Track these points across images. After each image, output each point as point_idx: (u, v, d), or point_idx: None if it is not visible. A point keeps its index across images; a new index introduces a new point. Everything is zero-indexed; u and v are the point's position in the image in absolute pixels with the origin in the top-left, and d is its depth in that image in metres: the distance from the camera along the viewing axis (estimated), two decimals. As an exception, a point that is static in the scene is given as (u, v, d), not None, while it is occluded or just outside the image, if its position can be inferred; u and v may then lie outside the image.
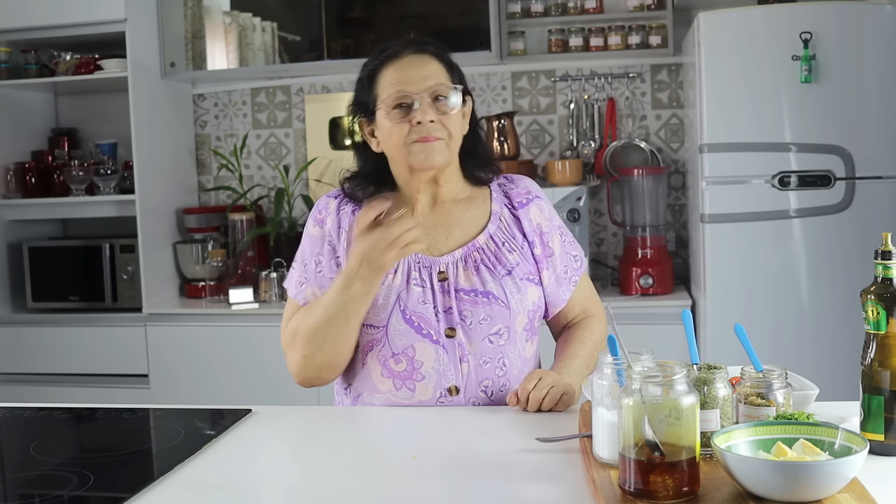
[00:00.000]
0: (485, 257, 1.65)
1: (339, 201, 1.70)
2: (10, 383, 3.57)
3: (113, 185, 3.58)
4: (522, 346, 1.66)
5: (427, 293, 1.62)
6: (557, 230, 1.73)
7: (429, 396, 1.60)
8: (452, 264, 1.64)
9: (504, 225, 1.69)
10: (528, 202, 1.72)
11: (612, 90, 3.60)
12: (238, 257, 3.64)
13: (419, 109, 1.58)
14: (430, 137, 1.58)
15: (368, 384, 1.65)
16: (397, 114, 1.60)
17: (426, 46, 1.66)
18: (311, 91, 3.82)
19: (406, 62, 1.62)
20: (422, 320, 1.60)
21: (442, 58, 1.66)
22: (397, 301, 1.61)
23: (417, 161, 1.59)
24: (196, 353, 3.38)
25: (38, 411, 1.65)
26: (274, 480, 1.28)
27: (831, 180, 2.85)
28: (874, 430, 1.21)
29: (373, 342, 1.63)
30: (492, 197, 1.72)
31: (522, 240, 1.69)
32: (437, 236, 1.67)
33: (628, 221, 3.39)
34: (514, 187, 1.74)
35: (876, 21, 2.82)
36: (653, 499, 1.04)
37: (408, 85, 1.59)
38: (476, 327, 1.61)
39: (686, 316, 1.35)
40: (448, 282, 1.62)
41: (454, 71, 1.67)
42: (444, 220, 1.69)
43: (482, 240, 1.67)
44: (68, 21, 3.40)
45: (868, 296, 1.21)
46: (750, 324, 1.42)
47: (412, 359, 1.60)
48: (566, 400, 1.52)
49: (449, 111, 1.61)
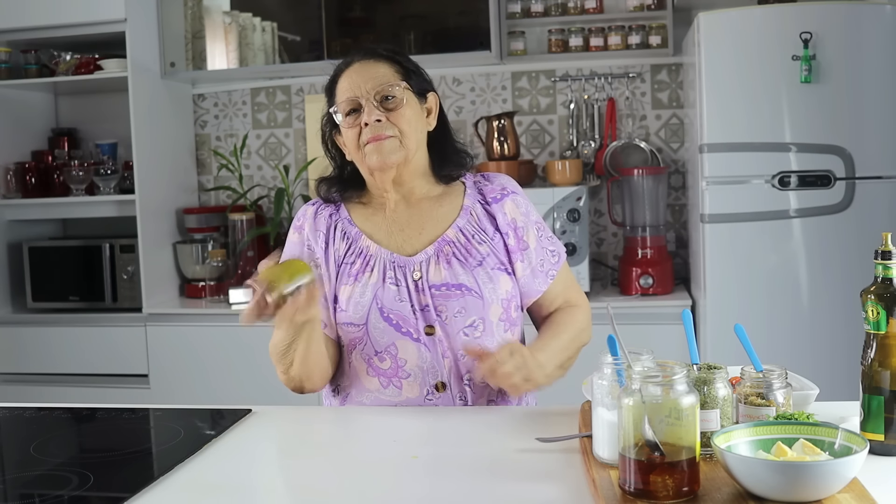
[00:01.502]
0: (455, 250, 1.66)
1: (317, 207, 1.76)
2: (10, 383, 3.57)
3: (113, 185, 3.58)
4: (501, 336, 1.65)
5: (403, 291, 1.63)
6: (534, 225, 1.73)
7: (416, 394, 1.61)
8: (425, 262, 1.65)
9: (474, 219, 1.70)
10: (503, 197, 1.72)
11: (612, 90, 3.60)
12: (238, 257, 3.64)
13: (365, 111, 1.63)
14: (380, 136, 1.62)
15: (357, 383, 1.66)
16: (349, 119, 1.65)
17: (376, 50, 1.70)
18: (311, 91, 3.82)
19: (354, 69, 1.67)
20: (400, 318, 1.62)
21: (394, 59, 1.69)
22: (374, 299, 1.62)
23: (372, 161, 1.64)
24: (196, 353, 3.38)
25: (38, 411, 1.65)
26: (274, 480, 1.28)
27: (831, 180, 2.85)
28: (874, 430, 1.21)
29: (355, 340, 1.64)
30: (465, 193, 1.73)
31: (494, 231, 1.69)
32: (411, 233, 1.69)
33: (628, 221, 3.39)
34: (489, 184, 1.75)
35: (876, 21, 2.82)
36: (653, 499, 1.04)
37: (354, 89, 1.65)
38: (451, 321, 1.61)
39: (686, 316, 1.36)
40: (422, 279, 1.63)
41: (409, 71, 1.69)
42: (417, 218, 1.70)
43: (451, 233, 1.68)
44: (68, 21, 3.40)
45: (868, 296, 1.21)
46: (750, 324, 1.42)
47: (395, 357, 1.62)
48: (522, 388, 1.52)
49: (395, 108, 1.63)
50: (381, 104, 1.63)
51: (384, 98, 1.63)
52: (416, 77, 1.70)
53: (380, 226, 1.70)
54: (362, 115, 1.63)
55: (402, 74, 1.67)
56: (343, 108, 1.66)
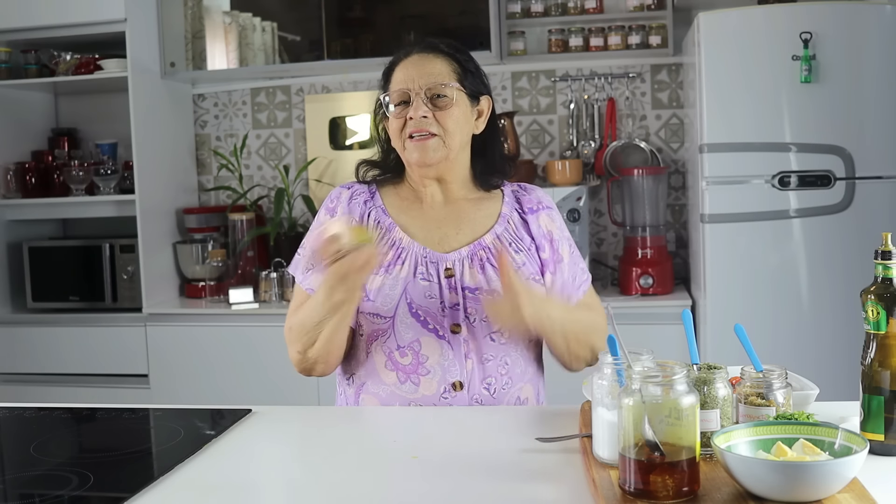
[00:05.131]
0: (491, 256, 1.66)
1: (352, 192, 1.74)
2: (10, 383, 3.57)
3: (113, 185, 3.58)
4: (525, 345, 1.66)
5: (434, 288, 1.62)
6: (567, 241, 1.74)
7: (433, 391, 1.61)
8: (459, 261, 1.65)
9: (512, 227, 1.71)
10: (539, 210, 1.73)
11: (612, 90, 3.60)
12: (238, 257, 3.64)
13: (413, 105, 1.63)
14: (423, 132, 1.62)
15: (373, 374, 1.65)
16: (398, 110, 1.65)
17: (438, 45, 1.69)
18: (311, 91, 3.82)
19: (412, 60, 1.67)
20: (428, 315, 1.61)
21: (453, 57, 1.68)
22: (404, 293, 1.62)
23: (412, 157, 1.65)
24: (196, 353, 3.38)
25: (38, 411, 1.65)
26: (274, 480, 1.28)
27: (831, 180, 2.85)
28: (874, 430, 1.21)
29: (378, 332, 1.63)
30: (503, 200, 1.74)
31: (530, 242, 1.70)
32: (447, 231, 1.69)
33: (628, 221, 3.39)
34: (527, 195, 1.76)
35: (876, 21, 2.82)
36: (653, 499, 1.04)
37: (408, 82, 1.65)
38: (479, 325, 1.61)
39: (686, 316, 1.35)
40: (454, 278, 1.63)
41: (466, 71, 1.69)
42: (455, 216, 1.70)
43: (489, 239, 1.68)
44: (68, 21, 3.40)
45: (868, 296, 1.21)
46: (750, 324, 1.41)
47: (418, 353, 1.61)
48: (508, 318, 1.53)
49: (445, 108, 1.63)
50: (431, 101, 1.63)
51: (435, 96, 1.63)
52: (473, 78, 1.70)
53: (415, 219, 1.70)
54: (410, 107, 1.63)
55: (458, 74, 1.67)
56: (393, 99, 1.66)
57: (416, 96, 1.63)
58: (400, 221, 1.70)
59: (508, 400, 1.64)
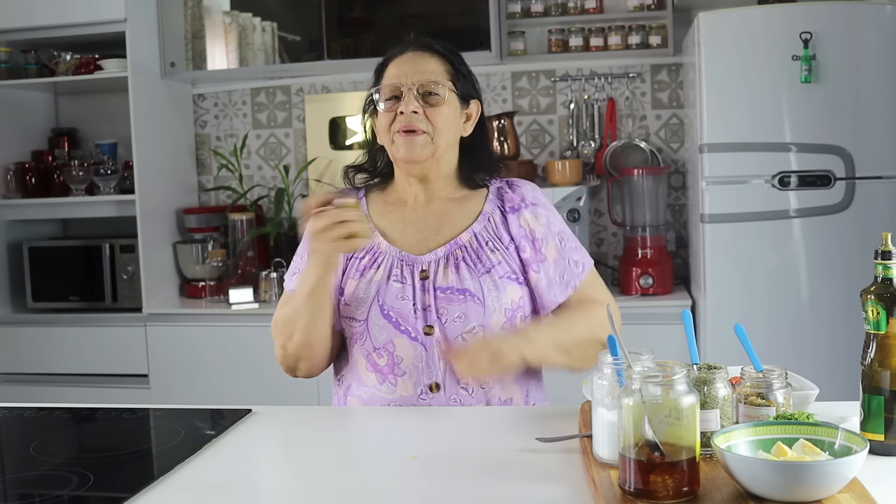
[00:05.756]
0: (466, 255, 1.65)
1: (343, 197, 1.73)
2: (10, 383, 3.57)
3: (113, 185, 3.58)
4: None
5: (407, 290, 1.63)
6: (556, 236, 1.70)
7: (410, 392, 1.61)
8: (434, 262, 1.65)
9: (492, 225, 1.69)
10: (521, 208, 1.70)
11: (612, 90, 3.60)
12: (238, 257, 3.64)
13: (405, 100, 1.64)
14: (413, 128, 1.63)
15: (356, 376, 1.67)
16: (388, 105, 1.67)
17: (433, 45, 1.70)
18: (311, 91, 3.83)
19: (406, 58, 1.69)
20: (399, 316, 1.61)
21: (446, 58, 1.69)
22: (376, 295, 1.63)
23: (399, 153, 1.66)
24: (196, 353, 3.38)
25: (38, 411, 1.65)
26: (274, 480, 1.28)
27: (831, 180, 2.85)
28: (874, 430, 1.21)
29: (356, 335, 1.65)
30: (487, 198, 1.73)
31: (509, 241, 1.68)
32: (427, 233, 1.69)
33: (628, 221, 3.39)
34: (511, 192, 1.73)
35: (876, 21, 2.82)
36: (653, 499, 1.04)
37: (400, 77, 1.66)
38: (451, 325, 1.61)
39: (686, 316, 1.35)
40: (429, 280, 1.63)
41: (459, 73, 1.69)
42: (435, 217, 1.70)
43: (465, 237, 1.67)
44: (68, 21, 3.40)
45: (868, 296, 1.21)
46: (750, 324, 1.41)
47: (393, 354, 1.62)
48: (499, 368, 1.54)
49: (436, 105, 1.64)
50: (423, 98, 1.64)
51: (427, 93, 1.64)
52: (465, 81, 1.71)
53: (395, 223, 1.71)
54: (402, 102, 1.64)
55: (451, 74, 1.68)
56: (385, 94, 1.67)
57: (409, 91, 1.63)
58: (380, 227, 1.70)
59: (490, 400, 1.63)
